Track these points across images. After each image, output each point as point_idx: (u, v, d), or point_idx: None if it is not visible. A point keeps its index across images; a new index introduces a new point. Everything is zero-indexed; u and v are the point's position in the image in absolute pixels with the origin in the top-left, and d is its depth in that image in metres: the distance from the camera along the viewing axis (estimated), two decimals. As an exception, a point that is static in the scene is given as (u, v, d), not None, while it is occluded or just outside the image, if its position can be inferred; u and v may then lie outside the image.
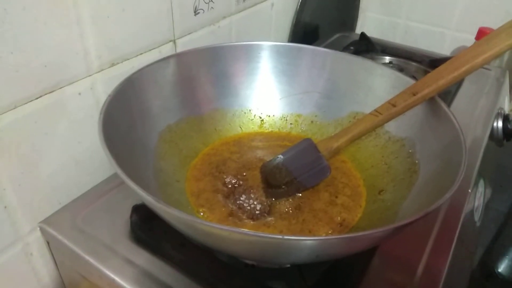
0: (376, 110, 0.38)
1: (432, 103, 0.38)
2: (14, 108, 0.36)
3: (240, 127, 0.47)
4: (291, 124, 0.48)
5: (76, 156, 0.43)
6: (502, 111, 0.66)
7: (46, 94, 0.38)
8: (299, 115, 0.48)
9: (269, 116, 0.48)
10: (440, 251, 0.39)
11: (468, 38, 0.90)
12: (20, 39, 0.34)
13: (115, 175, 0.47)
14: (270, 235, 0.23)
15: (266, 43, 0.46)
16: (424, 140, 0.38)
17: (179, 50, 0.50)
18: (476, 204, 0.52)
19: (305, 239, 0.23)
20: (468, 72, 0.36)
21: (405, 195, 0.35)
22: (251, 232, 0.23)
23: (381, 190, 0.38)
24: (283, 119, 0.48)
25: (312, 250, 0.24)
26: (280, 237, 0.22)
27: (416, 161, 0.37)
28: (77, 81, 0.40)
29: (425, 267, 0.37)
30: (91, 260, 0.37)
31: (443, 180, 0.32)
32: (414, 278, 0.36)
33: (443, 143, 0.35)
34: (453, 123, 0.34)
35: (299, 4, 0.72)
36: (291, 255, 0.26)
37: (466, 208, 0.45)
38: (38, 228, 0.41)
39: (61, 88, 0.39)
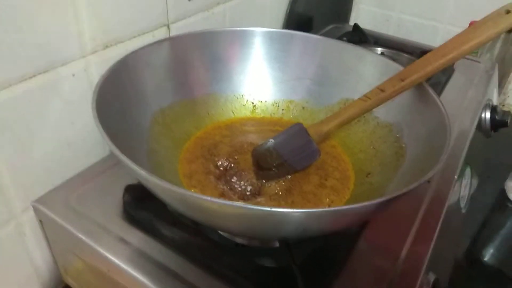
0: (365, 95, 0.39)
1: (419, 89, 0.39)
2: (8, 87, 0.36)
3: (233, 112, 0.48)
4: (282, 110, 0.49)
5: (69, 137, 0.43)
6: (490, 103, 0.67)
7: (39, 74, 0.38)
8: (290, 101, 0.48)
9: (261, 101, 0.49)
10: (424, 237, 0.40)
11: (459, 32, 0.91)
12: (15, 19, 0.34)
13: (108, 157, 0.47)
14: (259, 207, 0.23)
15: (259, 29, 0.46)
16: (411, 125, 0.39)
17: (172, 35, 0.50)
18: (462, 192, 0.53)
19: (292, 212, 0.24)
20: (455, 59, 0.37)
21: (391, 178, 0.37)
22: (241, 204, 0.24)
23: (369, 173, 0.39)
24: (275, 105, 0.49)
25: (299, 223, 0.25)
26: (268, 209, 0.23)
27: (403, 145, 0.38)
28: (71, 62, 0.40)
29: (409, 251, 0.38)
30: (84, 238, 0.38)
31: (428, 162, 0.33)
32: (397, 261, 0.37)
33: (429, 127, 0.36)
34: (440, 108, 0.35)
35: (293, -6, 0.73)
36: (279, 228, 0.27)
37: (452, 195, 0.46)
38: (31, 208, 0.42)
39: (54, 68, 0.39)
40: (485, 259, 0.69)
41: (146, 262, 0.36)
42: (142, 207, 0.39)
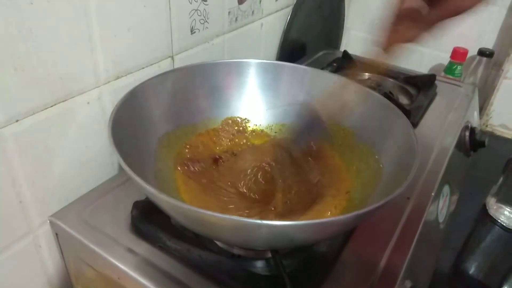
0: None
1: (396, 117, 0.44)
2: (32, 114, 0.41)
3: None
4: (275, 132, 0.54)
5: (83, 158, 0.48)
6: (469, 124, 0.72)
7: (60, 102, 0.43)
8: (283, 125, 0.53)
9: (256, 125, 0.54)
10: (402, 248, 0.44)
11: (444, 57, 0.97)
12: (41, 55, 0.39)
13: (117, 175, 0.52)
14: (250, 220, 0.28)
15: (253, 61, 0.52)
16: (387, 148, 0.43)
17: (176, 65, 0.56)
18: (440, 206, 0.57)
19: (279, 224, 0.28)
20: None
21: (370, 195, 0.41)
22: (235, 217, 0.28)
23: (348, 191, 0.44)
24: (268, 128, 0.54)
25: (286, 233, 0.30)
26: (259, 221, 0.28)
27: (381, 166, 0.43)
28: (87, 91, 0.45)
29: (387, 260, 0.43)
30: (97, 249, 0.42)
31: (401, 181, 0.37)
32: (377, 269, 0.41)
33: (402, 150, 0.41)
34: (411, 134, 0.40)
35: (286, 23, 0.79)
36: (268, 238, 0.31)
37: (429, 211, 0.51)
38: (48, 222, 0.46)
39: (72, 97, 0.44)
40: (470, 271, 0.73)
41: (153, 270, 0.40)
42: (148, 221, 0.43)
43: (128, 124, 0.41)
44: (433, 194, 0.53)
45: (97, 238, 0.43)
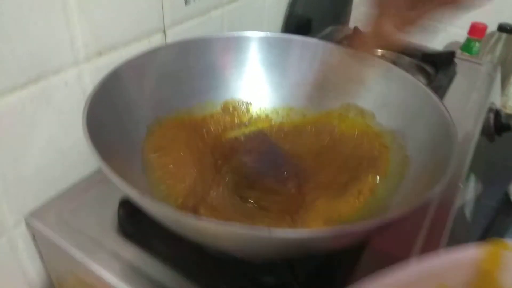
0: None
1: (424, 95, 0.38)
2: (-2, 97, 0.35)
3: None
4: (282, 117, 0.47)
5: (63, 147, 0.42)
6: (494, 106, 0.66)
7: (31, 83, 0.37)
8: (291, 108, 0.47)
9: (261, 108, 0.47)
10: (430, 247, 0.39)
11: (461, 33, 0.90)
12: (4, 27, 0.33)
13: (103, 168, 0.46)
14: (256, 231, 0.22)
15: (256, 35, 0.45)
16: (415, 133, 0.37)
17: (169, 40, 0.49)
18: (467, 199, 0.52)
19: (293, 235, 0.22)
20: None
21: (396, 190, 0.35)
22: (239, 226, 0.22)
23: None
24: (274, 112, 0.47)
25: (301, 244, 0.24)
26: (267, 230, 0.22)
27: (407, 154, 0.37)
28: (64, 70, 0.39)
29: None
30: (78, 254, 0.36)
31: (434, 174, 0.31)
32: (404, 272, 0.36)
33: (434, 136, 0.35)
34: (445, 116, 0.34)
35: (292, -4, 0.72)
36: (279, 249, 0.25)
37: (457, 203, 0.45)
38: (24, 222, 0.40)
39: (46, 77, 0.38)
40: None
41: (142, 279, 0.34)
42: (137, 221, 0.37)
43: (110, 110, 0.35)
44: (461, 185, 0.47)
45: (78, 241, 0.37)
